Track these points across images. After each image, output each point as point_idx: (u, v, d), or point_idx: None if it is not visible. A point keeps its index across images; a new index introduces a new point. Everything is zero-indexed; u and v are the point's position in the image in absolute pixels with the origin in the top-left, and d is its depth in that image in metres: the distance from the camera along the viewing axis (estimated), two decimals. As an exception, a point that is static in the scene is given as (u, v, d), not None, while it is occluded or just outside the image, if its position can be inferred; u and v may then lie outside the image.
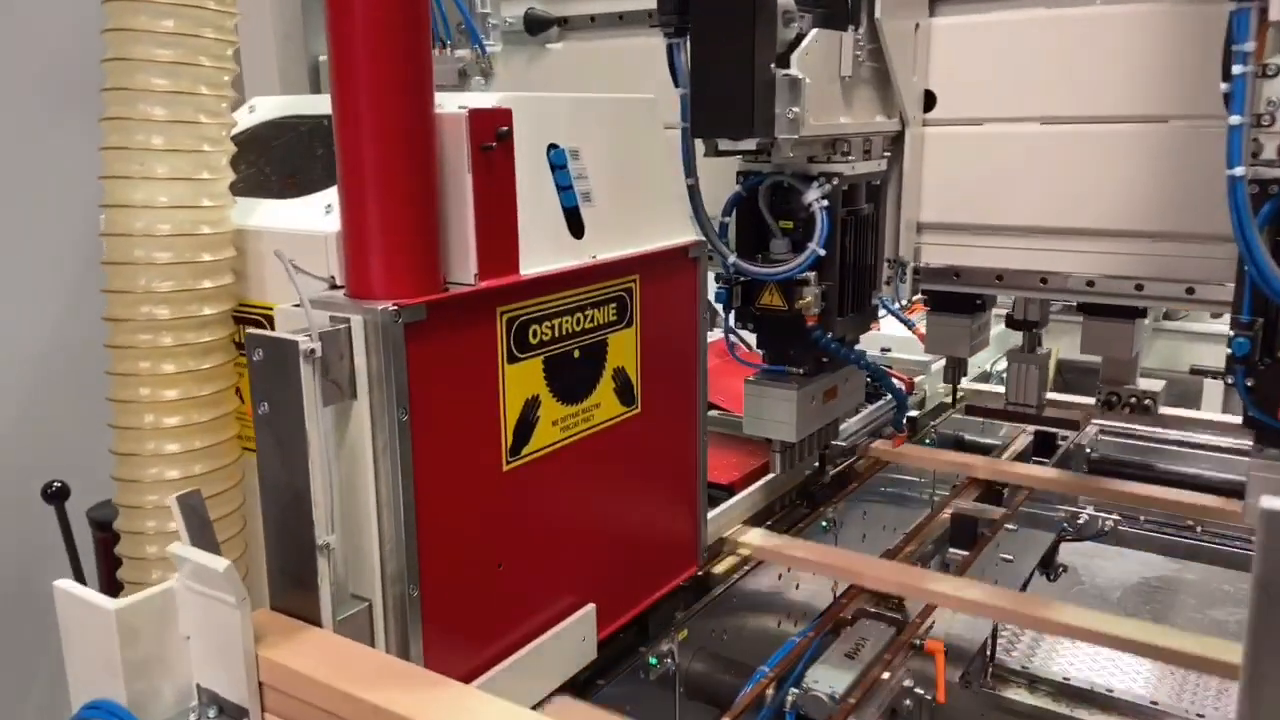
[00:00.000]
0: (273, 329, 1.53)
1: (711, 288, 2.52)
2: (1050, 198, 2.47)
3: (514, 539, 1.74)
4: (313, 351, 1.36)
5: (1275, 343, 1.85)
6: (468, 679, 1.67)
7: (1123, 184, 2.35)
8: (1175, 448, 3.27)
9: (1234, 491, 3.00)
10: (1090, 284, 2.47)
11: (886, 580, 2.36)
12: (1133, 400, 3.13)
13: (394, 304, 1.46)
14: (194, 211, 1.63)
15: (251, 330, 1.45)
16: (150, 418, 1.63)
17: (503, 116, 1.60)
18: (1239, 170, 1.65)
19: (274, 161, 1.94)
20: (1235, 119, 1.65)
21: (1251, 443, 2.02)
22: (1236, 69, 1.69)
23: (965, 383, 3.55)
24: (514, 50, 3.23)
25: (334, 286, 1.60)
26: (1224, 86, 1.67)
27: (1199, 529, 3.41)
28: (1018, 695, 3.48)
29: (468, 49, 3.14)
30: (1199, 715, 3.01)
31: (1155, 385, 3.16)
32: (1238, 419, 1.99)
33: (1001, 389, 3.45)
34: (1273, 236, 1.78)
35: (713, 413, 3.04)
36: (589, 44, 3.16)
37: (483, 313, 1.63)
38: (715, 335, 3.03)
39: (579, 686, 1.95)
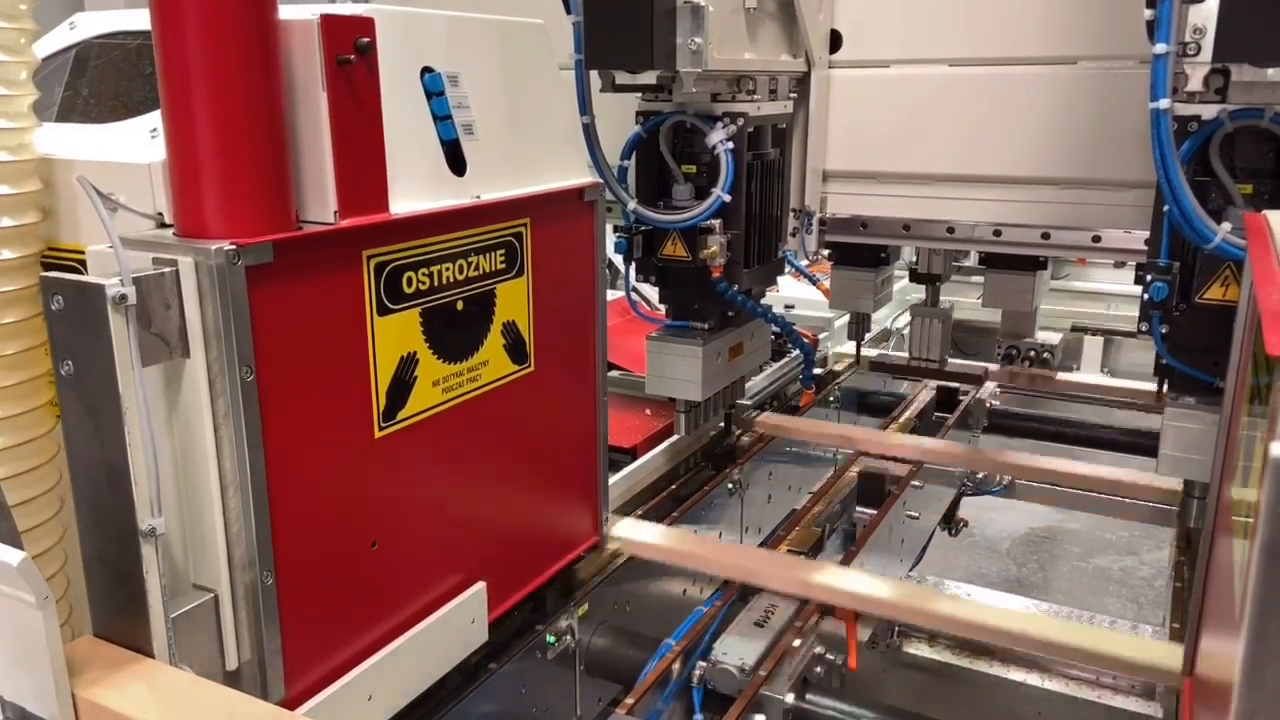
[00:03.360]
0: (86, 276, 1.27)
1: (610, 242, 2.35)
2: (958, 144, 2.40)
3: (390, 514, 1.54)
4: (124, 298, 1.12)
5: (1192, 287, 1.80)
6: (338, 674, 1.48)
7: (1031, 129, 2.29)
8: (1070, 399, 3.30)
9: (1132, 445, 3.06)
10: (997, 233, 2.41)
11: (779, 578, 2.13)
12: (1031, 354, 3.16)
13: (232, 244, 1.23)
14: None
15: (47, 274, 1.19)
16: (-59, 385, 1.37)
17: (363, 25, 1.38)
18: (1164, 103, 1.57)
19: (94, 84, 1.65)
20: (1161, 47, 1.56)
21: (1156, 393, 2.00)
22: None
23: (868, 346, 3.51)
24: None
25: (163, 225, 1.36)
26: (1148, 13, 1.58)
27: (1092, 480, 3.46)
28: (919, 650, 3.50)
29: (338, -24, 2.84)
30: (1093, 662, 3.07)
31: (1053, 338, 3.19)
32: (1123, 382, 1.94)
33: (903, 354, 3.42)
34: (1191, 176, 1.72)
35: (613, 373, 2.88)
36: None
37: (345, 256, 1.41)
38: (615, 295, 2.87)
39: (469, 671, 1.78)
